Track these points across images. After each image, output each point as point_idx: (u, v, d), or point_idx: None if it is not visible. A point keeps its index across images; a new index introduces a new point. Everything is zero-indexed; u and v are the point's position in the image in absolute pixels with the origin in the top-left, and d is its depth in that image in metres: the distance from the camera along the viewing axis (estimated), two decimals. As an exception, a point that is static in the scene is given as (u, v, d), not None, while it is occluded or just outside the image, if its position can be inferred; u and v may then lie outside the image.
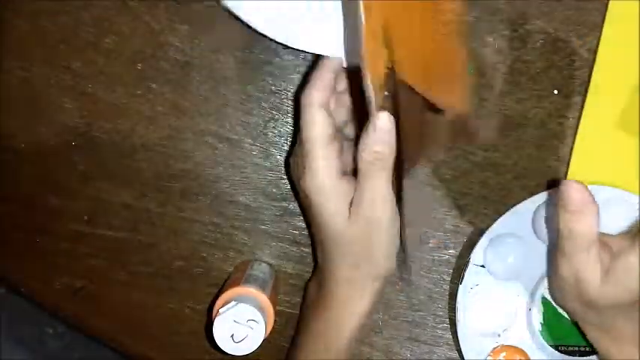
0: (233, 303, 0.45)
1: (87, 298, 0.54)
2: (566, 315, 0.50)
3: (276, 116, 0.51)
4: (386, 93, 0.41)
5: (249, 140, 0.51)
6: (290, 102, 0.50)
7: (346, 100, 0.47)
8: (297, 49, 0.45)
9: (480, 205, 0.51)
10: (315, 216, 0.45)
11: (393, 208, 0.44)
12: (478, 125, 0.50)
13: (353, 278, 0.46)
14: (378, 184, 0.42)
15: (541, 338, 0.51)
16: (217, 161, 0.51)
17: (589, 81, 0.48)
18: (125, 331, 0.54)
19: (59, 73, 0.50)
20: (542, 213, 0.48)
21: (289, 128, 0.51)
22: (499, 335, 0.51)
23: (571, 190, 0.41)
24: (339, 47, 0.44)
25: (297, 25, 0.44)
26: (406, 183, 0.44)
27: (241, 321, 0.44)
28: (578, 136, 0.49)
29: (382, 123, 0.40)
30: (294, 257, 0.53)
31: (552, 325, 0.51)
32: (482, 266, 0.50)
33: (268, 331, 0.46)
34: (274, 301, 0.49)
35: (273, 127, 0.51)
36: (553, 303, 0.50)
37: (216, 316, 0.45)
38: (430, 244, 0.52)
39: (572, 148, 0.49)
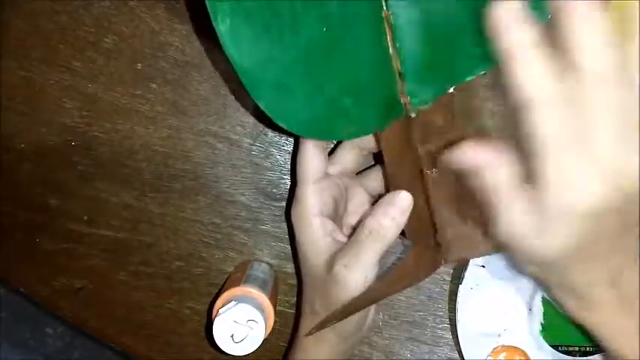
0: (233, 303, 0.45)
1: (87, 298, 0.54)
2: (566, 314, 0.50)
3: (276, 116, 0.51)
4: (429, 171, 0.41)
5: (249, 140, 0.51)
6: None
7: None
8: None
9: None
10: (297, 244, 0.46)
11: (366, 282, 0.42)
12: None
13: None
14: (365, 253, 0.41)
15: (541, 338, 0.51)
16: (217, 161, 0.51)
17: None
18: (125, 331, 0.54)
19: (59, 73, 0.50)
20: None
21: (289, 128, 0.51)
22: (499, 335, 0.51)
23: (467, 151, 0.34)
24: None
25: None
26: None
27: (241, 321, 0.44)
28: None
29: (400, 202, 0.41)
30: (294, 257, 0.53)
31: (552, 325, 0.51)
32: (483, 266, 0.50)
33: (268, 331, 0.46)
34: (274, 301, 0.49)
35: (273, 127, 0.51)
36: (553, 302, 0.50)
37: (216, 316, 0.45)
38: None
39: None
